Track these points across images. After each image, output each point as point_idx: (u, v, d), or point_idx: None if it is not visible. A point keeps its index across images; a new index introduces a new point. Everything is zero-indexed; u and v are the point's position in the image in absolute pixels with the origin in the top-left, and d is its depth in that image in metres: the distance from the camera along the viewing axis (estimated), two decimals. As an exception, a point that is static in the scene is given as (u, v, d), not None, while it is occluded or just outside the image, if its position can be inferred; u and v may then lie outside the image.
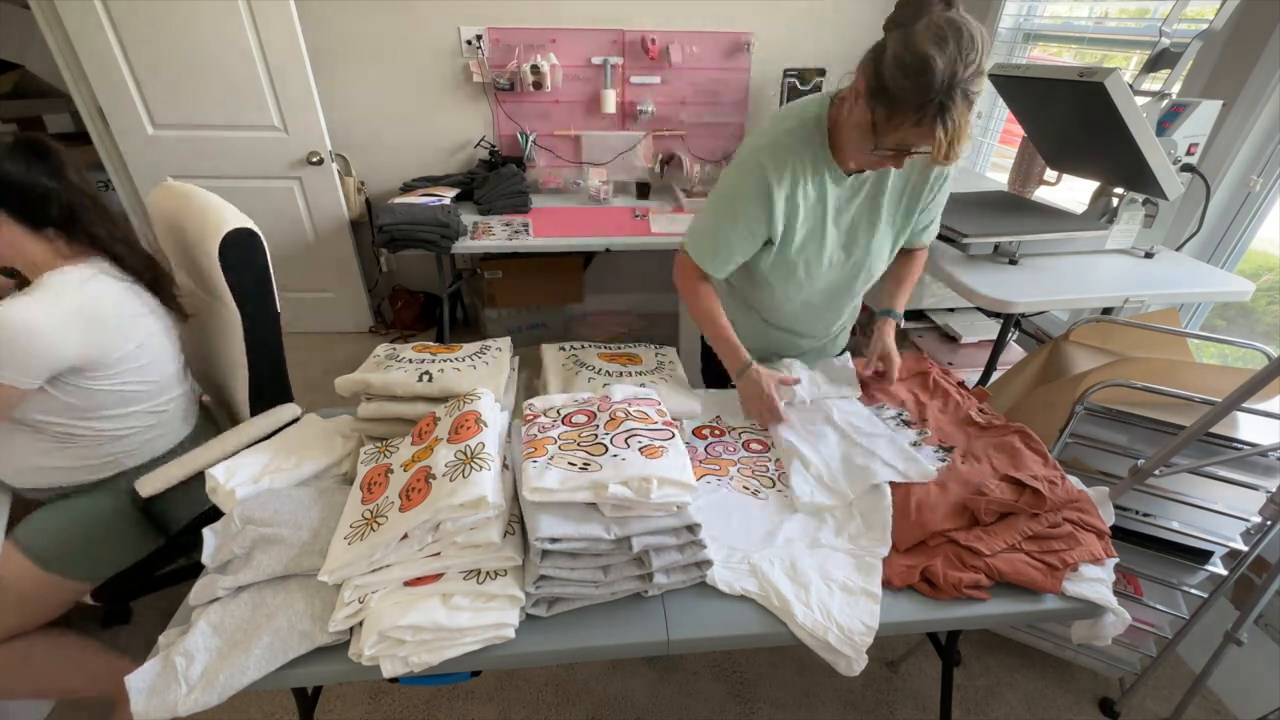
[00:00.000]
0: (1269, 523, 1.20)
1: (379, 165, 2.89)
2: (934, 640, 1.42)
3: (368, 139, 2.82)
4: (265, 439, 1.06)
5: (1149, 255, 1.67)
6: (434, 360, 1.07)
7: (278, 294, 1.38)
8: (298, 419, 1.22)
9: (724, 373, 1.25)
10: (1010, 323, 1.62)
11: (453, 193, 2.61)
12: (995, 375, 1.69)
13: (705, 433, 1.21)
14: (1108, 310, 1.59)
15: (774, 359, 1.39)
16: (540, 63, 2.64)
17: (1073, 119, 1.54)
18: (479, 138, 2.86)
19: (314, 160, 2.60)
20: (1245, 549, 1.23)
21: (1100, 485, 1.09)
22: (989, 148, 2.65)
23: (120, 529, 1.23)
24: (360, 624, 0.78)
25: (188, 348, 1.33)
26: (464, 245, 2.33)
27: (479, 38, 2.62)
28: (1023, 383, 1.52)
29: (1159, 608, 1.38)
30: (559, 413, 0.98)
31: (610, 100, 2.76)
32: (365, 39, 2.60)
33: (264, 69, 2.40)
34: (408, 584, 0.80)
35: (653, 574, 0.84)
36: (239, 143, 2.56)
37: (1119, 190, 1.64)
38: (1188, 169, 1.54)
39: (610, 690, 1.56)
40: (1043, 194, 1.97)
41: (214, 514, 0.92)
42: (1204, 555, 1.32)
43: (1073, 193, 2.00)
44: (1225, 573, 1.27)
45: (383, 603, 0.77)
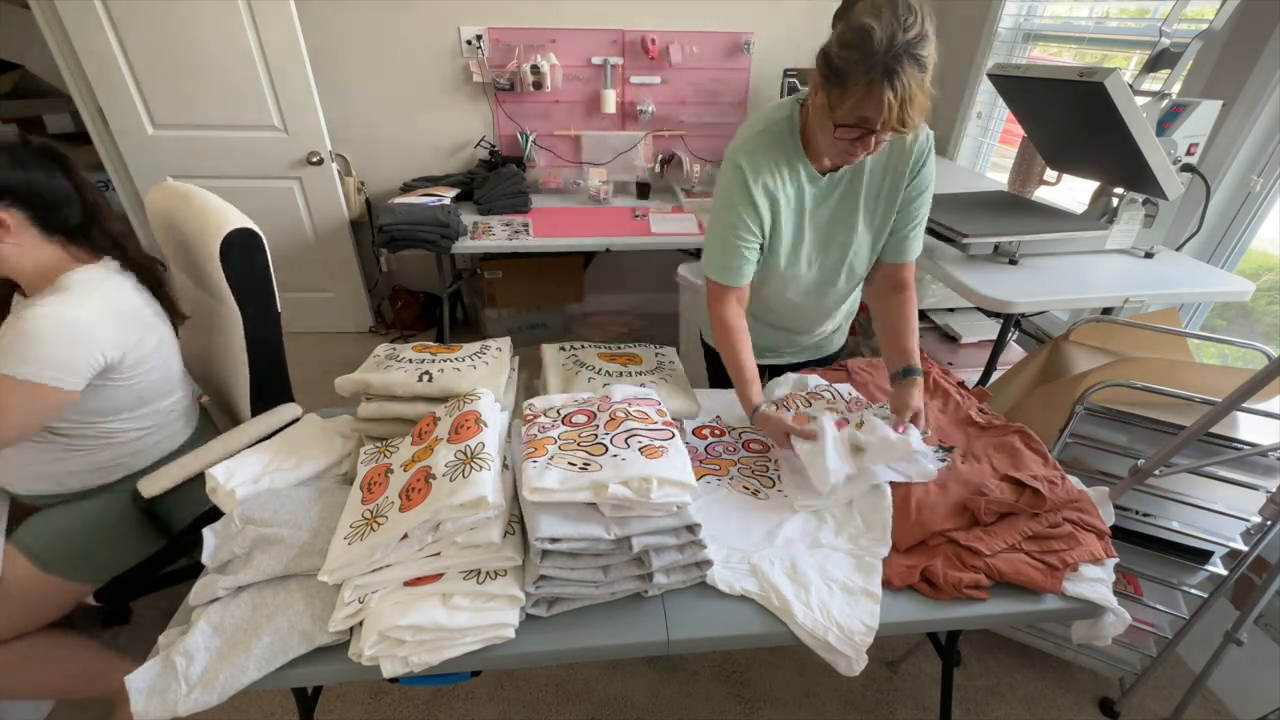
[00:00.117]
0: (1269, 523, 1.20)
1: (379, 165, 2.89)
2: (934, 640, 1.42)
3: (368, 139, 2.82)
4: (265, 439, 1.07)
5: (1149, 255, 1.67)
6: (434, 360, 1.07)
7: (278, 294, 1.38)
8: (298, 419, 1.22)
9: (725, 372, 1.25)
10: (1010, 323, 1.62)
11: (453, 193, 2.61)
12: (995, 375, 1.69)
13: (705, 433, 1.21)
14: (1108, 310, 1.59)
15: (769, 355, 1.43)
16: (540, 63, 2.64)
17: (1073, 119, 1.54)
18: (479, 138, 2.86)
19: (314, 160, 2.60)
20: (1245, 549, 1.23)
21: (1100, 485, 1.09)
22: (989, 148, 2.65)
23: (122, 531, 1.23)
24: (360, 624, 0.78)
25: (188, 348, 1.33)
26: (464, 245, 2.34)
27: (479, 38, 2.62)
28: (1023, 383, 1.52)
29: (1159, 608, 1.38)
30: (559, 413, 0.98)
31: (610, 100, 2.76)
32: (365, 39, 2.60)
33: (264, 69, 2.40)
34: (408, 584, 0.80)
35: (653, 574, 0.84)
36: (239, 143, 2.55)
37: (1119, 190, 1.64)
38: (1188, 169, 1.54)
39: (610, 690, 1.56)
40: (1043, 194, 1.96)
41: (215, 514, 0.92)
42: (1204, 555, 1.32)
43: (1073, 193, 2.00)
44: (1225, 573, 1.27)
45: (383, 603, 0.77)
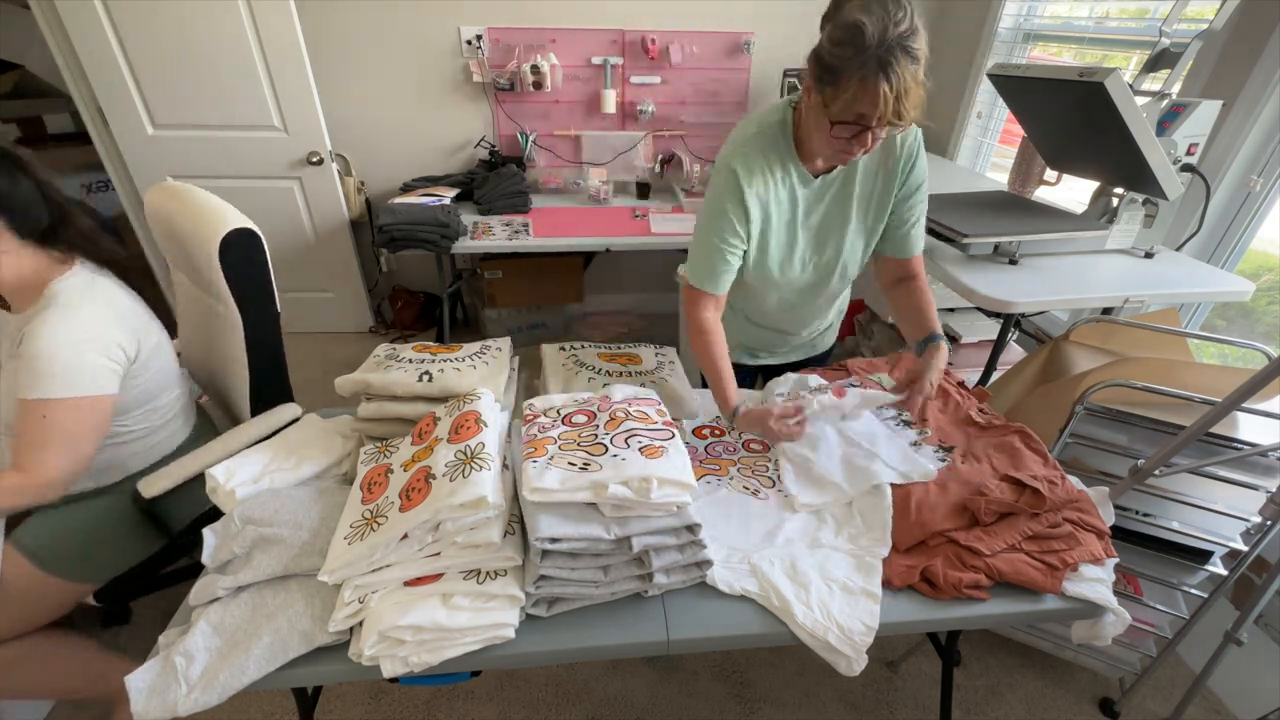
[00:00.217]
0: (1269, 523, 1.20)
1: (379, 165, 2.89)
2: (934, 640, 1.42)
3: (368, 139, 2.82)
4: (265, 439, 1.07)
5: (1149, 255, 1.67)
6: (434, 360, 1.07)
7: (278, 294, 1.38)
8: (298, 419, 1.22)
9: None
10: (1010, 323, 1.62)
11: (453, 193, 2.61)
12: (995, 375, 1.69)
13: (705, 433, 1.21)
14: (1108, 310, 1.59)
15: (763, 354, 1.44)
16: (540, 63, 2.64)
17: (1073, 119, 1.54)
18: (479, 138, 2.86)
19: (314, 160, 2.60)
20: (1245, 549, 1.23)
21: (1100, 485, 1.09)
22: (989, 148, 2.65)
23: (122, 531, 1.23)
24: (360, 624, 0.78)
25: (188, 348, 1.33)
26: (464, 245, 2.33)
27: (479, 38, 2.62)
28: (1023, 383, 1.52)
29: (1159, 608, 1.38)
30: (559, 413, 0.98)
31: (610, 100, 2.76)
32: (365, 39, 2.60)
33: (264, 69, 2.40)
34: (408, 584, 0.80)
35: (653, 574, 0.84)
36: (239, 143, 2.55)
37: (1119, 190, 1.64)
38: (1188, 169, 1.54)
39: (610, 690, 1.56)
40: (1043, 194, 1.96)
41: (215, 514, 0.92)
42: (1204, 555, 1.32)
43: (1073, 193, 2.00)
44: (1225, 573, 1.27)
45: (383, 603, 0.77)
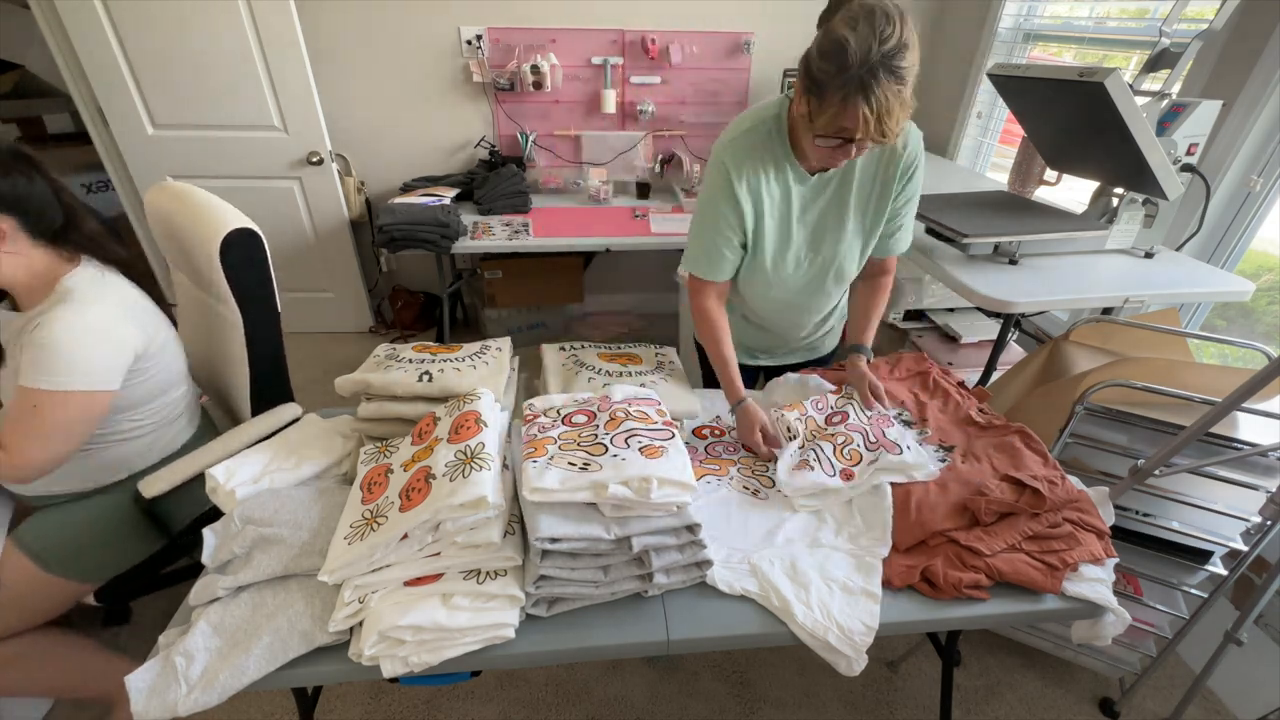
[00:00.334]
0: (1269, 523, 1.20)
1: (379, 165, 2.89)
2: (934, 640, 1.42)
3: (368, 139, 2.82)
4: (265, 439, 1.07)
5: (1149, 255, 1.67)
6: (434, 360, 1.07)
7: (278, 294, 1.38)
8: (298, 419, 1.22)
9: None
10: (1010, 323, 1.62)
11: (453, 193, 2.61)
12: (995, 375, 1.69)
13: (705, 433, 1.21)
14: (1108, 310, 1.59)
15: (762, 356, 1.44)
16: (540, 63, 2.64)
17: (1073, 119, 1.54)
18: (479, 138, 2.86)
19: (314, 160, 2.60)
20: (1245, 549, 1.23)
21: (1100, 485, 1.09)
22: (989, 148, 2.65)
23: (123, 531, 1.23)
24: (360, 624, 0.78)
25: (189, 349, 1.33)
26: (464, 245, 2.33)
27: (479, 38, 2.62)
28: (1023, 383, 1.52)
29: (1159, 608, 1.38)
30: (559, 413, 0.98)
31: (610, 100, 2.76)
32: (365, 39, 2.60)
33: (264, 69, 2.40)
34: (408, 584, 0.80)
35: (653, 574, 0.84)
36: (239, 143, 2.55)
37: (1119, 190, 1.64)
38: (1188, 169, 1.54)
39: (610, 690, 1.56)
40: (1043, 194, 1.96)
41: (215, 514, 0.92)
42: (1204, 555, 1.32)
43: (1073, 193, 2.00)
44: (1225, 573, 1.27)
45: (383, 603, 0.77)
